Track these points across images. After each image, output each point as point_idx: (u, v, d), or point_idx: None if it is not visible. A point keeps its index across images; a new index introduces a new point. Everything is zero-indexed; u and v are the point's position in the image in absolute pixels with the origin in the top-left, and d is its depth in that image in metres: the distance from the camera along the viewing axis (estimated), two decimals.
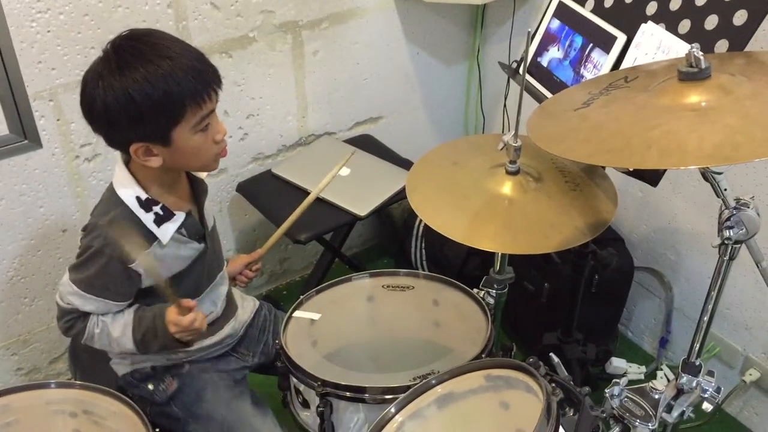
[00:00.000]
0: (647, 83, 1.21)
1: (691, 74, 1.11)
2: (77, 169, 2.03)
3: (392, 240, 2.74)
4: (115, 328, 1.44)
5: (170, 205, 1.42)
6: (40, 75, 1.85)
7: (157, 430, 1.36)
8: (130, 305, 1.47)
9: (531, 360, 1.26)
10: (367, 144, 2.46)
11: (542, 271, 2.19)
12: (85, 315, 1.44)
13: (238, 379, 1.66)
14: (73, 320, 1.45)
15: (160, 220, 1.41)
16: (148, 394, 1.57)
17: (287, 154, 2.44)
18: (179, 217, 1.43)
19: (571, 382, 1.25)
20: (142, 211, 1.39)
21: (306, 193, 2.13)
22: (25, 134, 1.89)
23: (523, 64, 1.42)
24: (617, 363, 1.99)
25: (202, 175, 1.55)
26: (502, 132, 2.51)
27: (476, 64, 2.69)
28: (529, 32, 1.41)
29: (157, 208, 1.40)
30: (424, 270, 2.51)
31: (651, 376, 2.32)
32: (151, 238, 1.41)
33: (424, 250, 2.52)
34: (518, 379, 1.24)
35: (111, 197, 1.41)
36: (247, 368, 1.71)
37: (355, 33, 2.38)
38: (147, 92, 1.25)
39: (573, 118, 1.20)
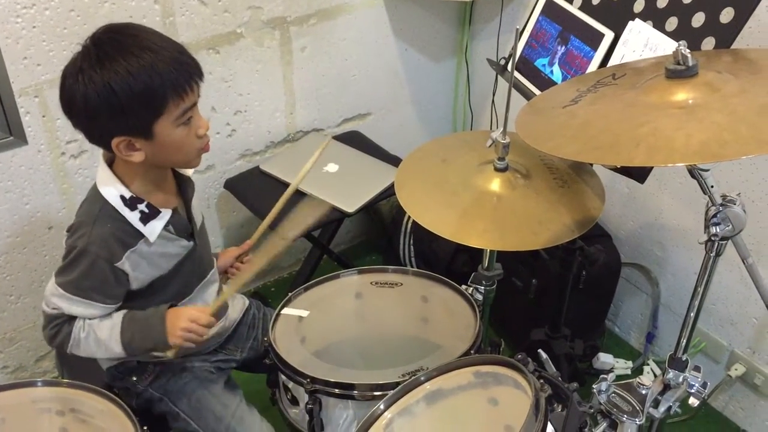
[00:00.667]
0: (635, 80, 1.22)
1: (678, 72, 1.12)
2: (63, 165, 2.01)
3: (381, 236, 2.74)
4: (102, 330, 1.42)
5: (156, 203, 1.41)
6: (25, 71, 1.84)
7: (145, 428, 1.35)
8: (118, 309, 1.45)
9: (519, 356, 1.27)
10: (355, 140, 2.46)
11: (530, 268, 2.20)
12: (71, 319, 1.42)
13: (221, 367, 1.67)
14: (58, 325, 1.42)
15: (146, 218, 1.39)
16: (131, 385, 1.57)
17: (275, 151, 2.44)
18: (165, 214, 1.42)
19: (560, 378, 1.25)
20: (126, 209, 1.38)
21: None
22: (11, 130, 1.88)
23: (511, 61, 1.42)
24: (604, 358, 2.00)
25: (189, 172, 1.53)
26: (491, 128, 2.52)
27: (464, 60, 2.70)
28: (517, 29, 1.41)
29: (142, 206, 1.39)
30: (412, 266, 2.51)
31: (638, 371, 2.34)
32: (138, 236, 1.40)
33: (412, 247, 2.52)
34: (507, 376, 1.24)
35: (95, 197, 1.40)
36: (233, 361, 1.70)
37: (344, 29, 2.38)
38: (128, 84, 1.24)
39: (561, 115, 1.20)
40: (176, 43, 1.33)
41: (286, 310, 1.64)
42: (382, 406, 1.31)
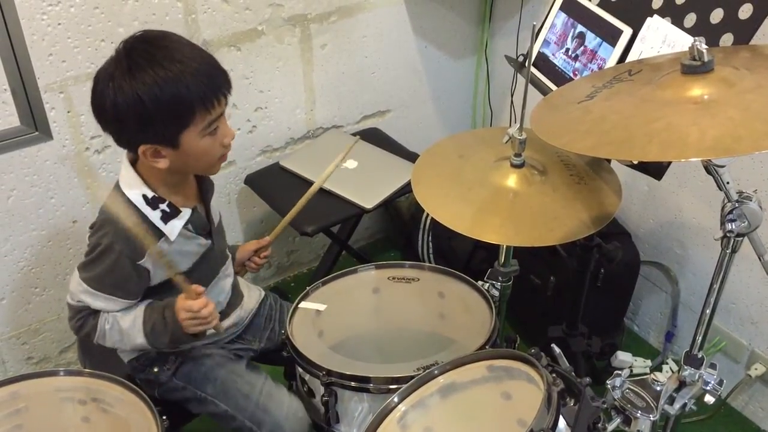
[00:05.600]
0: (651, 76, 1.21)
1: (693, 67, 1.12)
2: (87, 160, 2.05)
3: (399, 233, 2.75)
4: (125, 321, 1.46)
5: (176, 203, 1.44)
6: (51, 67, 1.87)
7: (164, 417, 1.37)
8: (140, 302, 1.49)
9: (533, 351, 1.27)
10: (374, 137, 2.47)
11: (548, 265, 2.20)
12: (96, 312, 1.46)
13: (239, 354, 1.69)
14: (84, 318, 1.47)
15: (166, 218, 1.42)
16: (153, 377, 1.60)
17: (295, 147, 2.46)
18: (185, 213, 1.45)
19: (573, 373, 1.25)
20: (148, 208, 1.41)
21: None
22: (36, 126, 1.91)
23: (528, 58, 1.43)
24: (623, 357, 1.99)
25: None
26: (509, 125, 2.52)
27: (484, 57, 2.70)
28: (534, 26, 1.42)
29: (163, 206, 1.42)
30: (431, 263, 2.52)
31: (656, 370, 2.32)
32: (158, 234, 1.42)
33: (431, 244, 2.53)
34: (520, 370, 1.25)
35: (117, 196, 1.42)
36: (251, 351, 1.72)
37: (364, 26, 2.39)
38: (156, 96, 1.27)
39: (576, 110, 1.21)
40: (208, 54, 1.35)
41: (303, 304, 1.66)
42: (396, 399, 1.32)
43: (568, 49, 1.69)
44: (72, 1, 1.83)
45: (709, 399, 1.34)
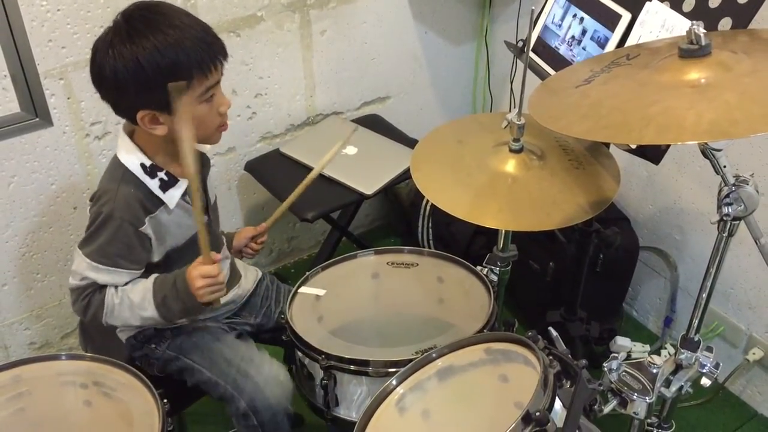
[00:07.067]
0: (648, 60, 1.21)
1: (691, 51, 1.12)
2: (87, 147, 2.05)
3: (399, 219, 2.76)
4: (135, 293, 1.45)
5: (174, 173, 1.46)
6: (50, 53, 1.87)
7: (165, 400, 1.39)
8: (146, 276, 1.49)
9: (530, 334, 1.28)
10: (374, 123, 2.48)
11: (547, 251, 2.21)
12: (102, 288, 1.44)
13: (234, 327, 1.70)
14: (89, 295, 1.45)
15: (165, 186, 1.44)
16: (150, 352, 1.61)
17: (295, 134, 2.46)
18: (183, 183, 1.46)
19: (569, 356, 1.26)
20: (147, 177, 1.43)
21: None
22: (36, 112, 1.92)
23: (526, 43, 1.43)
24: (621, 342, 1.99)
25: (206, 148, 1.57)
26: (509, 111, 2.52)
27: (484, 43, 2.69)
28: (533, 10, 1.42)
29: (161, 174, 1.44)
30: (431, 249, 2.52)
31: (655, 354, 2.33)
32: (158, 203, 1.44)
33: (431, 230, 2.53)
34: (517, 353, 1.26)
35: (116, 166, 1.44)
36: (247, 325, 1.74)
37: (363, 12, 2.39)
38: (156, 60, 1.29)
39: (573, 95, 1.21)
40: (203, 22, 1.38)
41: (303, 289, 1.67)
42: (394, 382, 1.33)
43: (567, 35, 1.69)
44: None
45: (705, 382, 1.35)
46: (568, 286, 2.04)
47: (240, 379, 1.55)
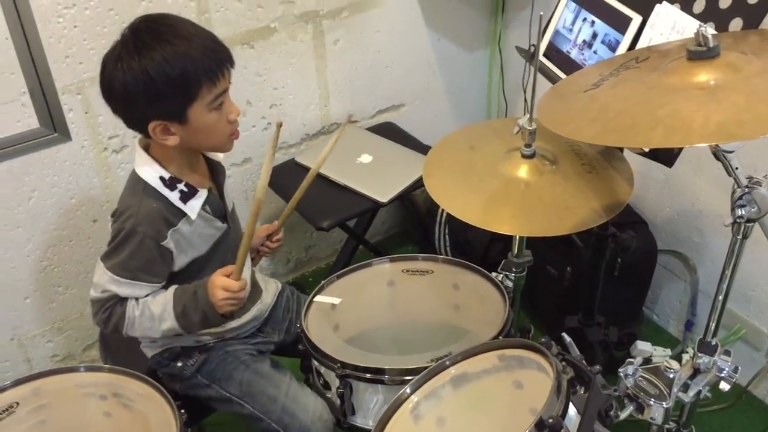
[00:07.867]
0: (657, 63, 1.21)
1: (699, 53, 1.11)
2: (106, 160, 2.08)
3: (416, 227, 2.76)
4: (156, 305, 1.46)
5: (192, 183, 1.47)
6: (67, 69, 1.90)
7: (182, 411, 1.40)
8: (165, 288, 1.50)
9: (543, 340, 1.27)
10: (389, 132, 2.48)
11: (565, 256, 2.19)
12: (122, 300, 1.46)
13: (261, 350, 1.70)
14: (110, 308, 1.47)
15: (185, 197, 1.45)
16: (177, 371, 1.62)
17: (310, 143, 2.47)
18: (202, 193, 1.48)
19: (583, 361, 1.26)
20: (167, 189, 1.44)
21: (328, 180, 2.18)
22: (55, 127, 1.95)
23: (535, 48, 1.43)
24: (642, 346, 1.98)
25: (219, 156, 1.59)
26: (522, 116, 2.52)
27: (497, 49, 2.69)
28: (541, 16, 1.42)
29: (181, 186, 1.45)
30: (448, 256, 2.52)
31: (676, 359, 2.31)
32: (179, 214, 1.45)
33: (447, 237, 2.53)
34: (531, 359, 1.25)
35: (136, 181, 1.46)
36: (272, 344, 1.74)
37: (376, 21, 2.40)
38: (165, 71, 1.31)
39: (582, 99, 1.21)
40: (208, 32, 1.40)
41: (318, 298, 1.67)
42: (408, 390, 1.33)
43: (578, 39, 1.68)
44: (87, 4, 1.86)
45: (724, 386, 1.34)
46: (586, 290, 2.03)
47: (286, 418, 1.57)
